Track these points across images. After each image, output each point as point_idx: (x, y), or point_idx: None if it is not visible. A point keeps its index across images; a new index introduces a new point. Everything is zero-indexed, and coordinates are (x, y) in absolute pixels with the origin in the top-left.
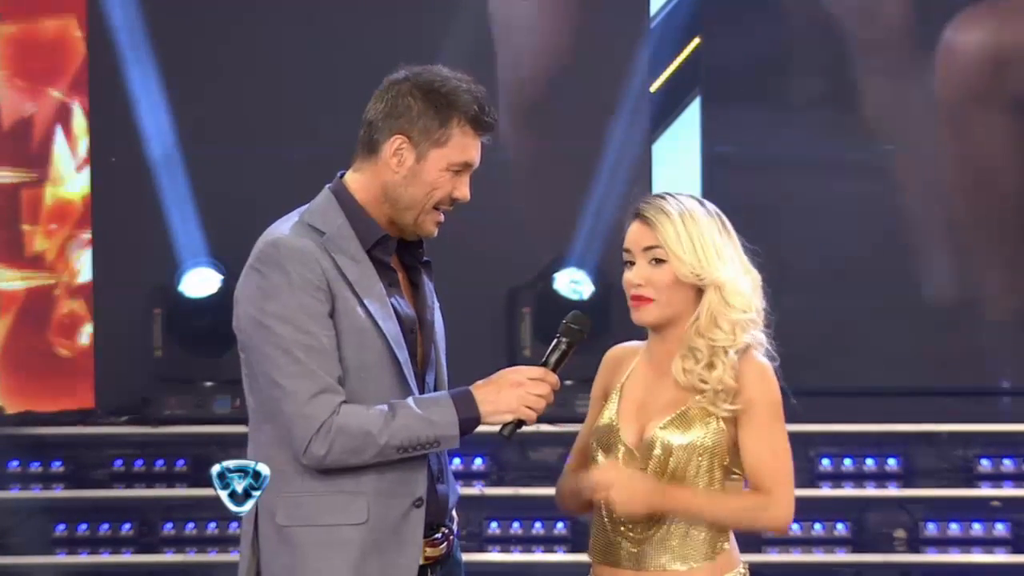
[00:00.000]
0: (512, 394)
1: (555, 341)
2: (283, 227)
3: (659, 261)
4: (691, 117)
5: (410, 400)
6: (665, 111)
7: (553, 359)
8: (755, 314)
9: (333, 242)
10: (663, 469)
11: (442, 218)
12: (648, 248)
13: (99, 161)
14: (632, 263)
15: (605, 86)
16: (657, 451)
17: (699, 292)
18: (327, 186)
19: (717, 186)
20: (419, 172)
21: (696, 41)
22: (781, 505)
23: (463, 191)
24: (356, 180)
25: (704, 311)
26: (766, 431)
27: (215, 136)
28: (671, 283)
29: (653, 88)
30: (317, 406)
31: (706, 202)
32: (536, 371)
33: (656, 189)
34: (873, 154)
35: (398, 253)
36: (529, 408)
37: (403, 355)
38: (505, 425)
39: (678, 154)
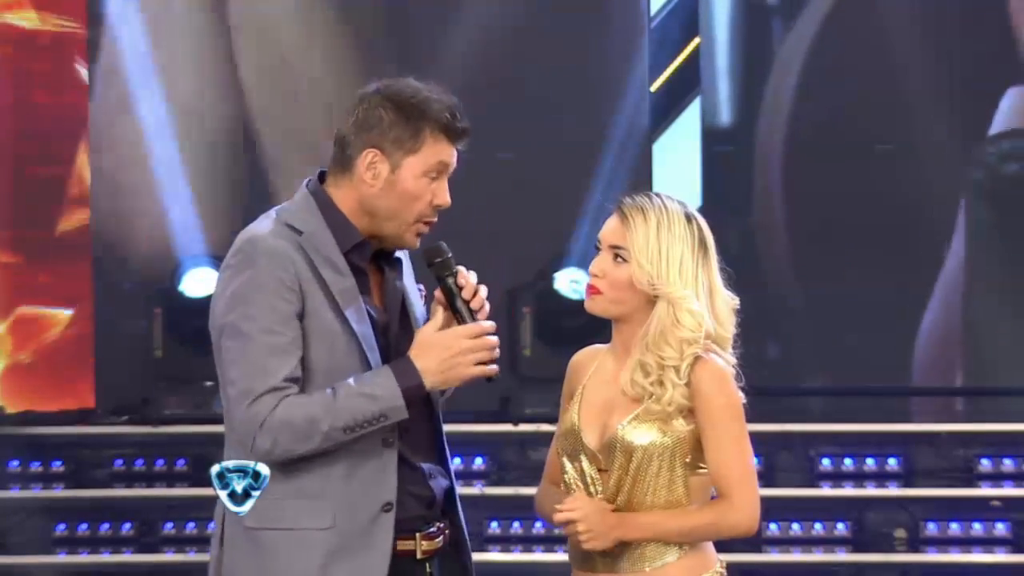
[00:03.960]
0: (463, 361)
1: (444, 291)
2: (260, 225)
3: (621, 260)
4: (691, 117)
5: (351, 379)
6: (665, 111)
7: (459, 305)
8: (702, 337)
9: (310, 242)
10: (625, 469)
11: (426, 230)
12: (614, 246)
13: (99, 161)
14: (600, 252)
15: (605, 86)
16: (618, 452)
17: (654, 300)
18: (305, 186)
19: (717, 186)
20: (395, 182)
21: (696, 41)
22: (741, 509)
23: (443, 197)
24: (335, 193)
25: (654, 324)
26: (724, 436)
27: (215, 136)
28: (626, 283)
29: (653, 88)
30: (261, 404)
31: (694, 216)
32: (471, 329)
33: (656, 189)
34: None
35: (372, 255)
36: (485, 364)
37: (375, 357)
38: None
39: (678, 154)
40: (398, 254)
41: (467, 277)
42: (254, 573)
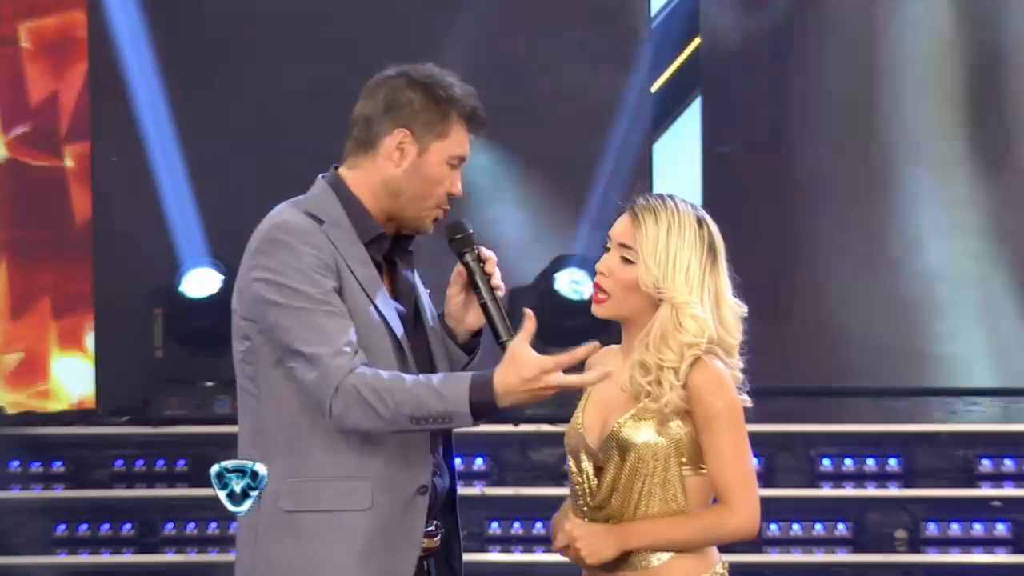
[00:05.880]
0: (541, 396)
1: (465, 266)
2: (283, 212)
3: (628, 261)
4: (691, 117)
5: (435, 375)
6: (665, 111)
7: (479, 280)
8: (705, 341)
9: (332, 230)
10: (620, 467)
11: (442, 215)
12: (623, 245)
13: (99, 161)
14: (608, 250)
15: (605, 86)
16: (614, 449)
17: (659, 302)
18: (322, 177)
19: (717, 186)
20: (421, 166)
21: (696, 41)
22: (740, 514)
23: (457, 186)
24: (352, 176)
25: (656, 326)
26: (722, 439)
27: (215, 135)
28: (631, 285)
29: (653, 88)
30: (335, 368)
31: (706, 220)
32: (563, 360)
33: (656, 189)
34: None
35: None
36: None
37: (407, 343)
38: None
39: (678, 154)
40: (410, 248)
41: (487, 253)
42: (294, 558)
